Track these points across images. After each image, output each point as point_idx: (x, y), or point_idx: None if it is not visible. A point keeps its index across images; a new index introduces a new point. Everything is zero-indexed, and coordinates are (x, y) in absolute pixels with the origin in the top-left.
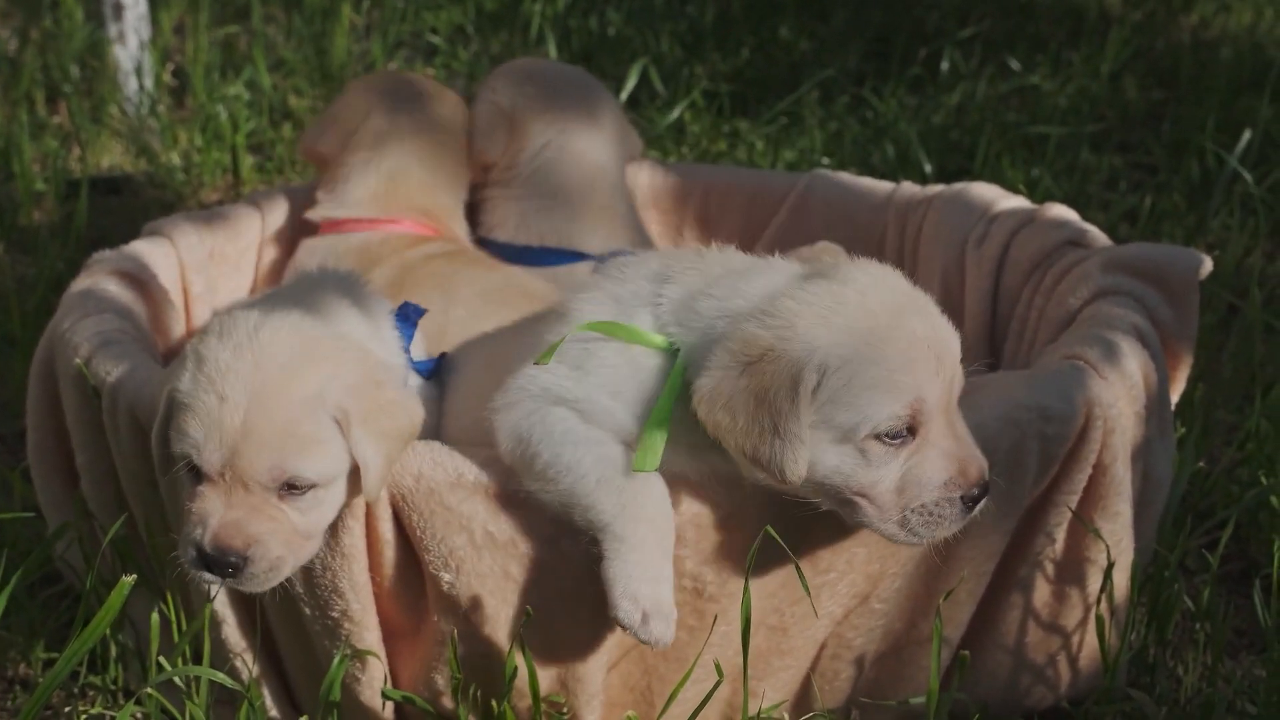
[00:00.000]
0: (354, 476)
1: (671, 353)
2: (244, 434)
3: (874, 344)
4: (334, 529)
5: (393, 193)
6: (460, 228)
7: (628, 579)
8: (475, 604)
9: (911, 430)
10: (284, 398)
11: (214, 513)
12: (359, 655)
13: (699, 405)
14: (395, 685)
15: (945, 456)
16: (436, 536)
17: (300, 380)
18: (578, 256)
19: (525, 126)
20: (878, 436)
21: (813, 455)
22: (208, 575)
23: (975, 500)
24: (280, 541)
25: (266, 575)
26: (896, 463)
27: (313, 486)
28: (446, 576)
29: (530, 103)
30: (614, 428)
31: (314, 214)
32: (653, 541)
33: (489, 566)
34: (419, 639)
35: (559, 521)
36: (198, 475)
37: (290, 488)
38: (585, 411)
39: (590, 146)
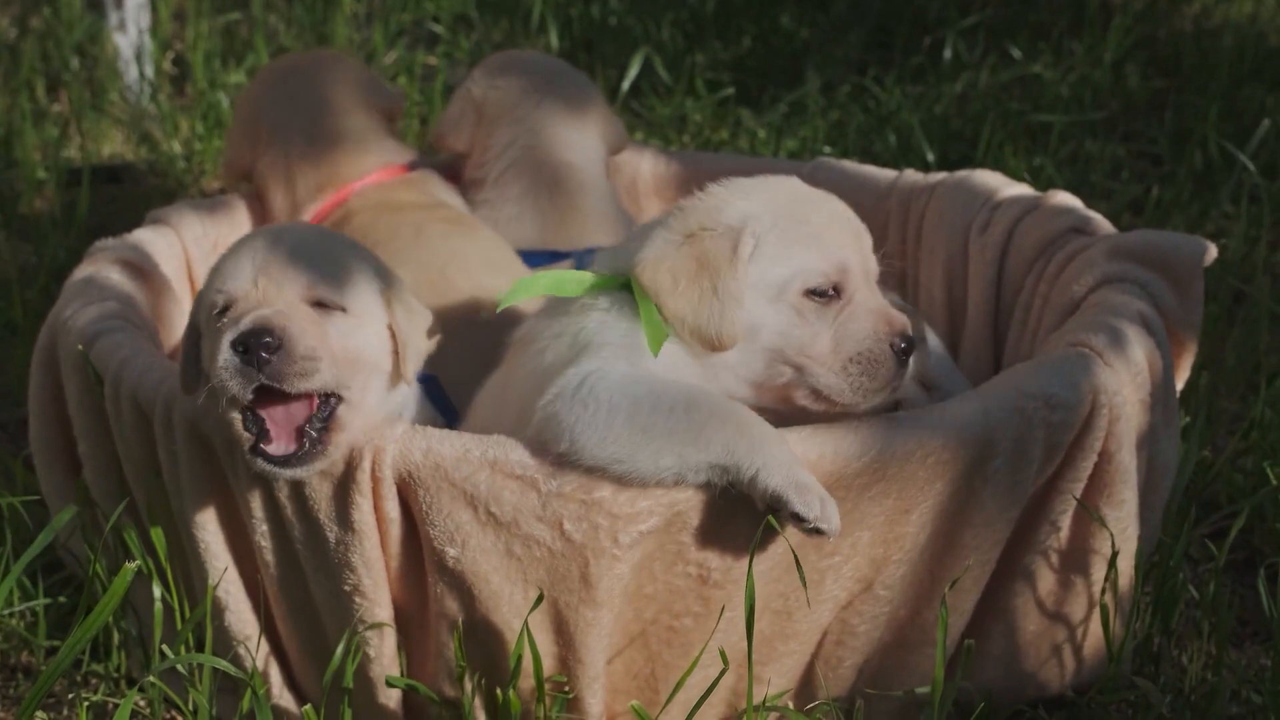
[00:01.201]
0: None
1: (619, 285)
2: (274, 255)
3: (799, 210)
4: (344, 506)
5: (293, 187)
6: (373, 157)
7: (789, 477)
8: (479, 579)
9: (837, 291)
10: (323, 239)
11: (252, 309)
12: (373, 628)
13: (642, 273)
14: (401, 673)
15: (870, 312)
16: (442, 512)
17: (342, 239)
18: (554, 256)
19: (494, 120)
20: (808, 293)
21: (756, 319)
22: (239, 374)
23: (905, 353)
24: (315, 337)
25: (304, 364)
26: (828, 321)
27: (343, 310)
28: (452, 551)
29: (501, 96)
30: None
31: None
32: (773, 433)
33: (492, 543)
34: (424, 625)
35: (563, 504)
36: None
37: (320, 305)
38: (623, 347)
39: (562, 143)
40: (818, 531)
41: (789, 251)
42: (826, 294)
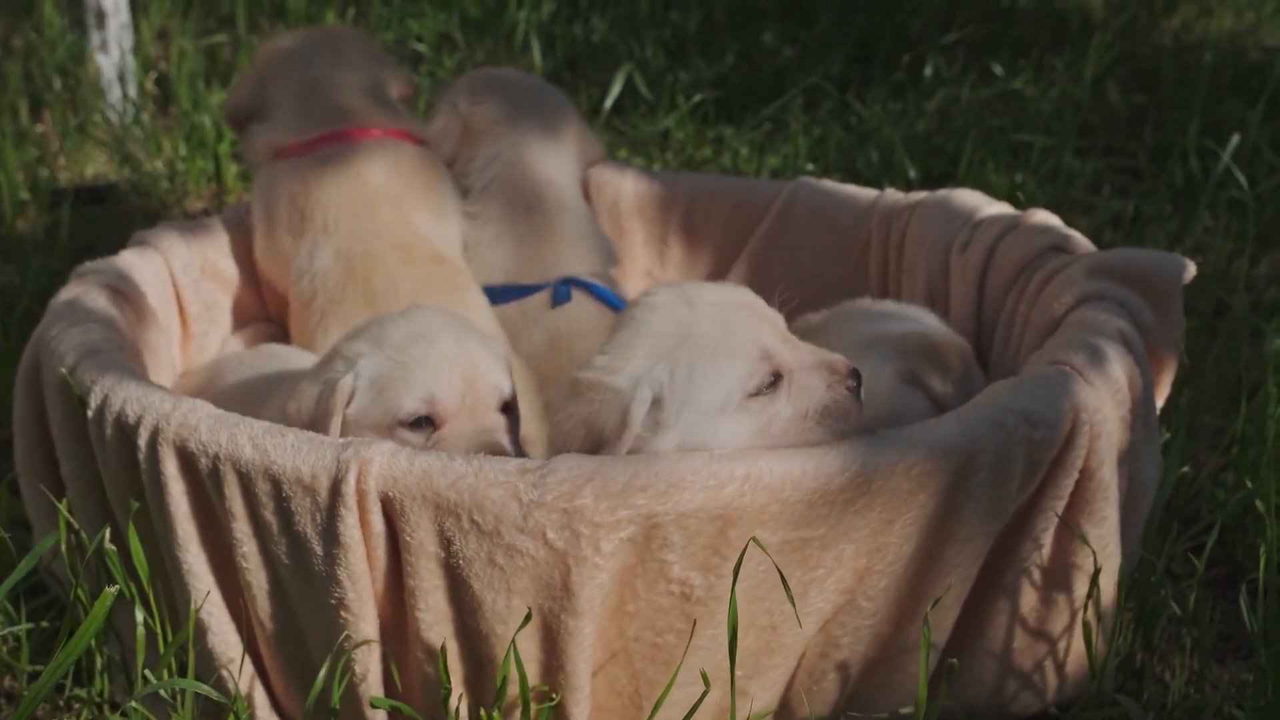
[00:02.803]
0: None
1: None
2: (472, 365)
3: (698, 333)
4: (330, 520)
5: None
6: (382, 113)
7: None
8: (462, 587)
9: (776, 375)
10: (474, 337)
11: (468, 428)
12: (359, 646)
13: (553, 439)
14: (388, 694)
15: (813, 370)
16: (426, 519)
17: (479, 334)
18: (523, 291)
19: (478, 136)
20: (751, 396)
21: (712, 437)
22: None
23: (856, 389)
24: (515, 448)
25: None
26: (781, 400)
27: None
28: (435, 559)
29: (485, 112)
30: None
31: None
32: None
33: (474, 552)
34: (408, 642)
35: (545, 514)
36: (420, 426)
37: (505, 409)
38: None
39: (539, 162)
40: None
41: (715, 370)
42: (767, 386)
